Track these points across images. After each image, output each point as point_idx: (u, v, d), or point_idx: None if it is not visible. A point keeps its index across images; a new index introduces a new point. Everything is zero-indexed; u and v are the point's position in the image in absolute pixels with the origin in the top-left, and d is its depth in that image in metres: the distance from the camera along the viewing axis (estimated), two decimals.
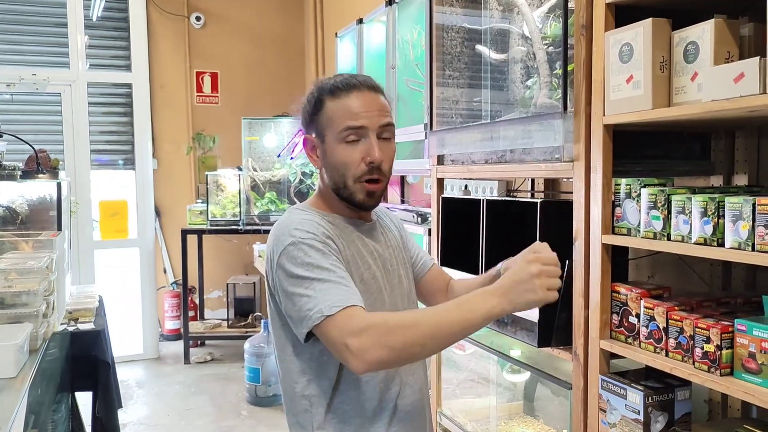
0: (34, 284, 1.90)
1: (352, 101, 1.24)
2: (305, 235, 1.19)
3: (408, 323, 1.08)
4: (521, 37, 2.14)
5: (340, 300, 1.11)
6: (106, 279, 5.12)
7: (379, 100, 1.27)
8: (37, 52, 5.00)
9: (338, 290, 1.13)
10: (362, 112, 1.23)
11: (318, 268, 1.15)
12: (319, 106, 1.27)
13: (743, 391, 1.29)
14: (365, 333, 1.07)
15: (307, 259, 1.16)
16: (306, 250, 1.16)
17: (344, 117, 1.23)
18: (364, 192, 1.26)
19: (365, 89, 1.26)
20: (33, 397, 1.73)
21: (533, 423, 2.44)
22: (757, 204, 1.25)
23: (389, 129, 1.27)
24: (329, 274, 1.15)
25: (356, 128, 1.23)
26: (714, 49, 1.34)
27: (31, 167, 2.42)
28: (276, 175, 5.13)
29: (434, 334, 1.08)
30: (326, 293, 1.12)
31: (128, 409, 4.04)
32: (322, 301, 1.11)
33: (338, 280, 1.14)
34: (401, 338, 1.07)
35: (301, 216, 1.25)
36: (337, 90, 1.25)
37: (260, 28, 5.66)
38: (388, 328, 1.07)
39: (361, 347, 1.06)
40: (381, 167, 1.25)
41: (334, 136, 1.25)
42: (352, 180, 1.25)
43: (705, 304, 1.55)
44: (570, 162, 1.72)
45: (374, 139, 1.23)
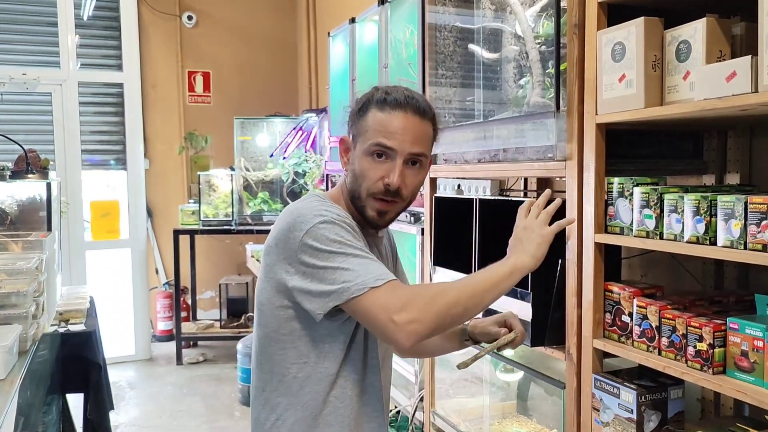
0: (23, 285, 1.89)
1: (392, 120, 1.23)
2: (335, 216, 1.18)
3: (444, 289, 1.14)
4: (514, 37, 2.14)
5: (384, 273, 1.12)
6: (98, 280, 5.09)
7: (421, 128, 1.25)
8: (27, 52, 4.96)
9: (377, 266, 1.13)
10: (397, 134, 1.22)
11: (349, 245, 1.14)
12: (364, 113, 1.26)
13: (736, 390, 1.29)
14: (410, 305, 1.08)
15: (339, 237, 1.15)
16: (338, 230, 1.16)
17: (379, 132, 1.23)
18: (374, 209, 1.25)
19: (411, 112, 1.24)
20: (23, 399, 1.72)
21: (527, 422, 2.44)
22: (749, 202, 1.25)
23: (420, 158, 1.26)
24: (363, 253, 1.15)
25: (385, 147, 1.22)
26: (706, 48, 1.34)
27: (21, 167, 2.40)
28: (269, 175, 5.11)
29: (471, 294, 1.14)
30: (367, 267, 1.12)
31: (120, 410, 4.01)
32: (364, 273, 1.11)
33: (371, 257, 1.15)
34: (444, 303, 1.10)
35: (327, 204, 1.24)
36: (384, 104, 1.24)
37: (252, 28, 5.64)
38: (430, 297, 1.11)
39: (409, 320, 1.07)
40: (399, 192, 1.24)
41: (365, 146, 1.24)
42: (366, 193, 1.25)
43: (697, 302, 1.55)
44: (563, 161, 1.72)
45: (400, 163, 1.22)
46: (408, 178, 1.24)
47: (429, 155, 1.29)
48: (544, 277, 1.80)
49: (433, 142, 1.30)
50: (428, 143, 1.28)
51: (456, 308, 1.12)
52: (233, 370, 4.56)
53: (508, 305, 1.93)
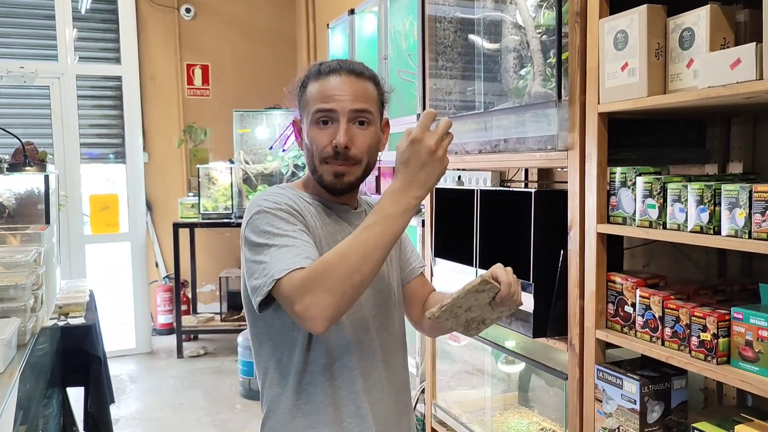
0: (21, 278, 1.88)
1: (328, 84, 1.22)
2: (270, 205, 1.17)
3: (336, 259, 1.03)
4: (514, 26, 2.12)
5: (291, 263, 1.07)
6: (98, 273, 5.08)
7: (359, 85, 1.23)
8: (25, 45, 4.93)
9: (292, 253, 1.09)
10: (335, 95, 1.20)
11: (276, 235, 1.12)
12: (303, 89, 1.27)
13: (740, 380, 1.29)
14: (304, 290, 1.03)
15: (267, 227, 1.14)
16: (269, 219, 1.15)
17: (318, 99, 1.22)
18: (330, 173, 1.22)
19: (345, 73, 1.23)
20: (22, 393, 1.71)
21: (528, 413, 2.44)
22: (753, 191, 1.24)
23: (365, 115, 1.21)
24: (286, 239, 1.12)
25: (326, 111, 1.20)
26: (710, 36, 1.33)
27: (18, 160, 2.39)
28: (268, 167, 5.09)
29: (365, 256, 1.03)
30: (280, 257, 1.09)
31: (121, 403, 4.01)
32: (276, 263, 1.08)
33: (293, 243, 1.11)
34: (337, 276, 1.02)
35: (273, 189, 1.25)
36: (319, 74, 1.24)
37: (251, 20, 5.61)
38: (321, 273, 1.03)
39: (307, 305, 1.02)
40: (349, 153, 1.20)
41: (309, 117, 1.23)
42: (319, 161, 1.22)
43: (701, 292, 1.54)
44: (564, 151, 1.70)
45: (343, 124, 1.20)
46: (357, 138, 1.20)
47: (376, 113, 1.24)
48: (546, 268, 1.79)
49: (381, 103, 1.27)
50: (371, 101, 1.23)
51: (353, 278, 1.03)
52: (234, 363, 4.56)
53: None
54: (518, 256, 1.86)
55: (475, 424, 2.42)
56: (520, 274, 1.86)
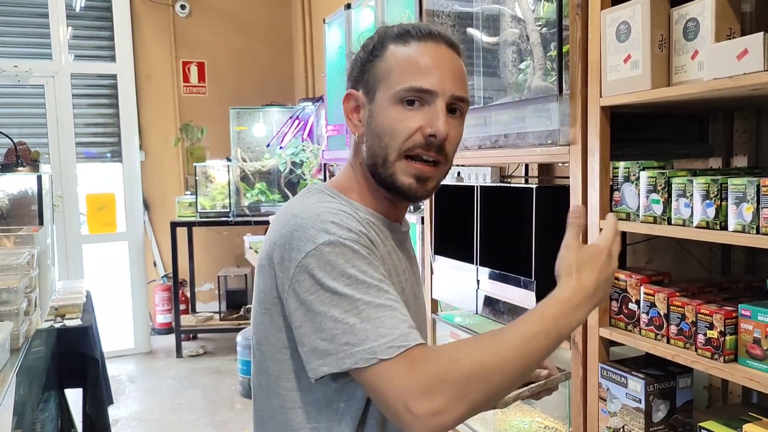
0: (14, 281, 1.85)
1: (423, 54, 0.93)
2: (346, 234, 0.86)
3: (489, 365, 0.78)
4: (513, 19, 2.09)
5: (400, 337, 0.79)
6: (95, 274, 5.05)
7: (458, 64, 0.96)
8: (18, 44, 4.89)
9: (393, 320, 0.81)
10: (435, 70, 0.92)
11: (364, 284, 0.83)
12: (378, 52, 0.95)
13: (748, 378, 1.26)
14: (436, 391, 0.76)
15: (350, 269, 0.83)
16: (348, 256, 0.84)
17: (409, 72, 0.92)
18: (411, 174, 0.93)
19: (443, 44, 0.95)
20: (17, 397, 1.68)
21: (531, 412, 2.41)
22: (761, 185, 1.21)
23: (463, 106, 0.96)
24: (379, 294, 0.82)
25: (422, 91, 0.92)
26: (715, 26, 1.30)
27: (10, 160, 2.35)
28: (266, 165, 5.06)
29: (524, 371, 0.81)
30: (381, 323, 0.80)
31: (120, 404, 3.99)
32: (374, 335, 0.79)
33: (391, 303, 0.83)
34: (483, 389, 0.78)
35: (334, 205, 0.92)
36: (407, 36, 0.94)
37: (246, 16, 5.57)
38: (464, 379, 0.77)
39: (433, 412, 0.76)
40: (444, 147, 0.93)
41: (390, 93, 0.93)
42: (396, 154, 0.93)
43: (706, 289, 1.51)
44: (566, 146, 1.67)
45: (442, 109, 0.92)
46: (452, 130, 0.94)
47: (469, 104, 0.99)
48: (547, 265, 1.76)
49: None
50: (467, 87, 0.98)
51: (498, 394, 0.81)
52: (233, 363, 4.53)
53: (512, 294, 1.89)
54: (519, 253, 1.84)
55: (478, 423, 2.39)
56: (522, 272, 1.84)
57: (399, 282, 0.98)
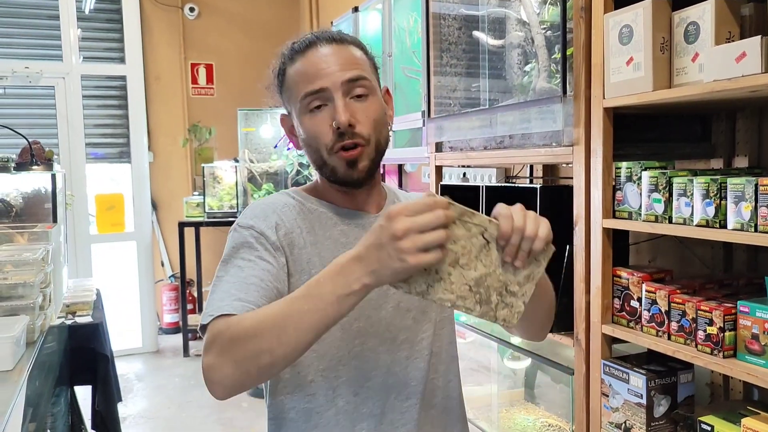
0: (30, 276, 1.89)
1: (308, 61, 1.03)
2: (243, 222, 1.04)
3: (251, 328, 0.86)
4: (519, 23, 2.12)
5: (216, 308, 0.92)
6: (104, 273, 5.10)
7: (343, 52, 1.04)
8: (29, 45, 4.95)
9: (224, 293, 0.94)
10: (321, 70, 1.01)
11: (229, 264, 0.99)
12: (282, 77, 1.08)
13: (747, 373, 1.29)
14: (214, 347, 0.88)
15: (230, 248, 1.02)
16: (235, 239, 1.02)
17: (302, 82, 1.03)
18: (341, 163, 1.02)
19: (324, 43, 1.04)
20: (31, 391, 1.72)
21: (534, 410, 2.44)
22: (759, 185, 1.24)
23: (362, 83, 1.03)
24: (234, 271, 0.97)
25: (315, 92, 1.01)
26: (715, 29, 1.33)
27: (25, 159, 2.40)
28: (273, 166, 5.10)
29: (280, 336, 0.84)
30: (215, 295, 0.95)
31: (128, 402, 4.03)
32: (209, 303, 0.95)
33: (236, 278, 0.96)
34: (246, 350, 0.85)
35: (272, 197, 1.10)
36: (293, 53, 1.06)
37: (255, 18, 5.62)
38: (232, 339, 0.86)
39: (208, 366, 0.87)
40: (355, 130, 1.01)
41: (298, 107, 1.04)
42: (326, 153, 1.03)
43: (707, 286, 1.54)
44: (570, 146, 1.70)
45: (340, 100, 1.01)
46: (358, 112, 1.01)
47: (374, 80, 1.06)
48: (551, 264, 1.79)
49: (374, 68, 1.09)
50: (364, 66, 1.05)
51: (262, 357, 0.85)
52: None
53: None
54: None
55: (482, 420, 2.42)
56: None
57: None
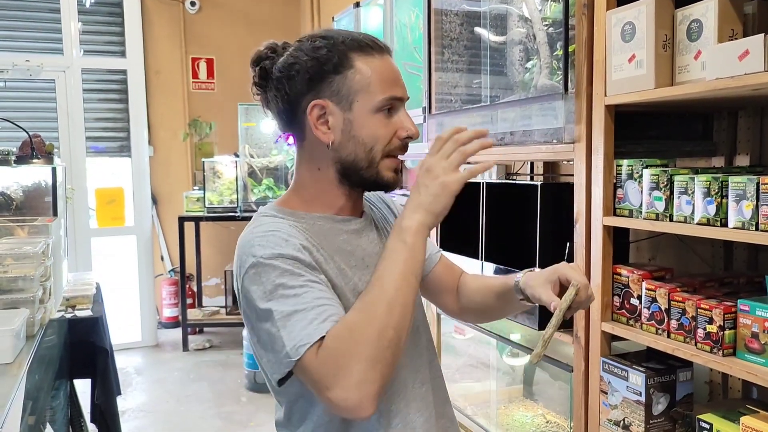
0: (30, 269, 1.89)
1: (388, 66, 1.04)
2: (267, 253, 0.96)
3: (359, 320, 0.89)
4: (521, 19, 2.12)
5: (306, 336, 0.89)
6: (104, 267, 5.10)
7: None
8: (30, 38, 4.94)
9: (304, 321, 0.91)
10: (399, 79, 1.05)
11: (282, 297, 0.93)
12: (345, 64, 1.02)
13: (746, 371, 1.29)
14: (339, 369, 0.87)
15: (269, 285, 0.94)
16: (269, 274, 0.94)
17: (386, 84, 1.02)
18: (391, 169, 1.05)
19: (388, 53, 1.06)
20: (30, 384, 1.72)
21: (533, 406, 2.44)
22: (761, 183, 1.24)
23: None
24: (295, 301, 0.92)
25: (397, 99, 1.04)
26: (718, 27, 1.32)
27: (26, 152, 2.39)
28: (273, 161, 5.09)
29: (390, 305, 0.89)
30: (291, 329, 0.91)
31: (127, 396, 4.03)
32: (287, 340, 0.90)
33: (304, 305, 0.92)
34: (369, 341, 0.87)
35: (265, 227, 1.01)
36: (367, 48, 1.03)
37: (256, 13, 5.61)
38: (352, 343, 0.87)
39: (346, 391, 0.86)
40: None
41: (372, 104, 1.02)
42: (380, 156, 1.03)
43: (707, 284, 1.54)
44: (571, 144, 1.70)
45: (406, 113, 1.06)
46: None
47: None
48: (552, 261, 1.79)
49: None
50: None
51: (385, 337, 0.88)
52: (239, 356, 4.58)
53: None
54: (524, 249, 1.87)
55: (481, 416, 2.43)
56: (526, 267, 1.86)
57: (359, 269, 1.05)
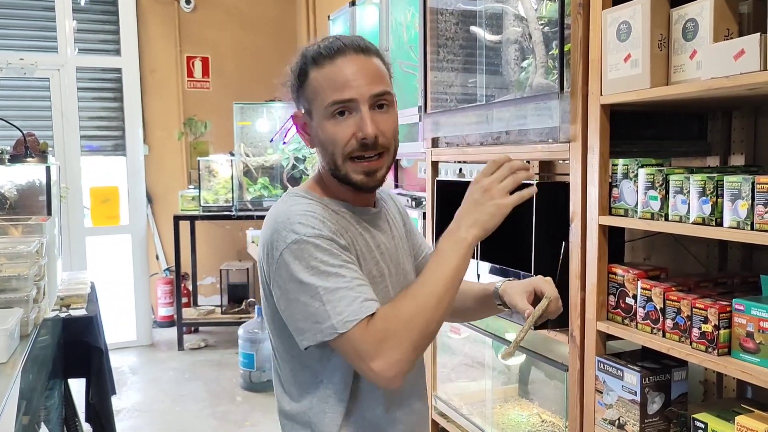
0: (23, 269, 1.88)
1: (337, 70, 1.08)
2: (309, 232, 1.04)
3: (412, 309, 1.00)
4: (516, 18, 2.12)
5: (352, 312, 1.00)
6: (98, 266, 5.09)
7: (371, 65, 1.11)
8: (24, 37, 4.91)
9: (349, 299, 1.01)
10: (350, 81, 1.07)
11: (324, 273, 1.02)
12: (303, 78, 1.13)
13: (741, 371, 1.29)
14: (384, 348, 0.98)
15: (313, 261, 1.03)
16: (311, 251, 1.03)
17: (330, 89, 1.08)
18: (359, 171, 1.11)
19: (352, 53, 1.09)
20: (25, 383, 1.71)
21: (528, 405, 2.44)
22: (756, 182, 1.24)
23: (385, 98, 1.11)
24: (337, 279, 1.02)
25: (344, 102, 1.08)
26: (713, 26, 1.33)
27: (20, 151, 2.38)
28: (268, 160, 5.09)
29: (438, 301, 1.01)
30: (336, 304, 1.01)
31: (122, 395, 4.02)
32: (333, 314, 1.00)
33: (347, 284, 1.02)
34: (416, 328, 1.00)
35: (303, 207, 1.10)
36: (320, 57, 1.10)
37: (251, 12, 5.59)
38: (401, 326, 0.99)
39: (388, 366, 0.98)
40: (377, 142, 1.09)
41: (321, 111, 1.10)
42: (342, 159, 1.10)
43: (702, 284, 1.55)
44: (566, 143, 1.70)
45: (366, 112, 1.08)
46: (381, 123, 1.09)
47: (392, 92, 1.13)
48: (547, 260, 1.79)
49: (390, 78, 1.15)
50: (385, 79, 1.12)
51: (429, 326, 1.01)
52: (234, 356, 4.57)
53: None
54: (519, 248, 1.86)
55: (476, 416, 2.43)
56: (522, 267, 1.86)
57: (372, 257, 1.16)
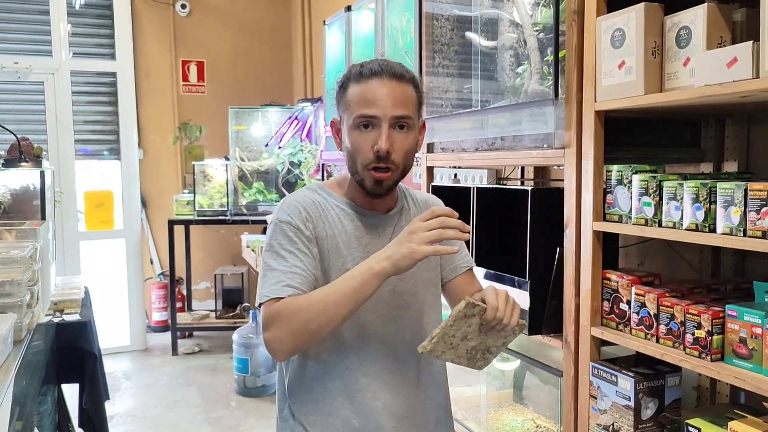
0: (17, 274, 1.87)
1: (370, 88, 1.25)
2: (284, 217, 1.27)
3: (303, 305, 1.17)
4: (511, 24, 2.13)
5: (271, 291, 1.20)
6: (92, 270, 5.07)
7: (400, 90, 1.26)
8: (19, 40, 4.91)
9: (275, 279, 1.21)
10: (378, 100, 1.24)
11: (276, 254, 1.24)
12: (344, 90, 1.30)
13: (734, 376, 1.30)
14: (273, 322, 1.18)
15: (274, 241, 1.26)
16: (277, 233, 1.26)
17: (360, 104, 1.25)
18: (371, 180, 1.27)
19: (387, 77, 1.26)
20: (18, 389, 1.70)
21: (523, 411, 2.45)
22: (749, 189, 1.25)
23: (406, 121, 1.26)
24: (280, 261, 1.23)
25: (368, 117, 1.24)
26: (707, 34, 1.34)
27: (14, 155, 2.38)
28: (264, 164, 5.08)
29: (324, 309, 1.16)
30: (267, 280, 1.22)
31: (116, 400, 4.00)
32: (263, 287, 1.22)
33: (284, 267, 1.22)
34: (299, 321, 1.16)
35: (299, 195, 1.32)
36: (360, 76, 1.27)
37: (247, 16, 5.60)
38: (289, 314, 1.17)
39: (271, 338, 1.18)
40: (390, 157, 1.24)
41: (350, 121, 1.27)
42: (361, 166, 1.27)
43: (695, 290, 1.55)
44: (561, 149, 1.71)
45: (385, 129, 1.24)
46: (397, 142, 1.25)
47: (416, 117, 1.29)
48: (541, 266, 1.80)
49: (419, 105, 1.31)
50: (411, 105, 1.28)
51: (310, 325, 1.17)
52: (229, 361, 4.55)
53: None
54: (514, 253, 1.87)
55: (471, 421, 2.43)
56: (516, 272, 1.87)
57: (351, 254, 1.30)
